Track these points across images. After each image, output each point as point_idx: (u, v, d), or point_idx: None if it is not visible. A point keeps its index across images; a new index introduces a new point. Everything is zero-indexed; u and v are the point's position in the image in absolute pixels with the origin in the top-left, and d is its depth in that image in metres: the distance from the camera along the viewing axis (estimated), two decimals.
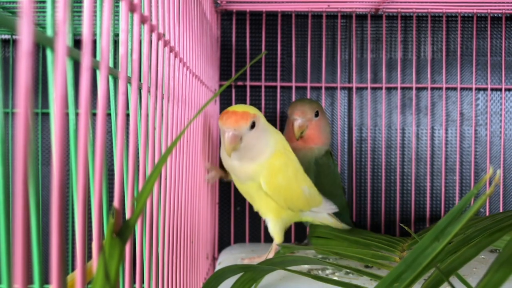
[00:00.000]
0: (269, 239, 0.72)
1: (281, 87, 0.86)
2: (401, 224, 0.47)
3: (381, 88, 0.86)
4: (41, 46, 0.78)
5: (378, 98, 0.87)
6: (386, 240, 0.59)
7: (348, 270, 0.57)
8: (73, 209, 0.75)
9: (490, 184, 0.87)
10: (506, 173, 0.87)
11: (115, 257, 0.21)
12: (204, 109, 0.43)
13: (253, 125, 0.54)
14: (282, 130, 0.74)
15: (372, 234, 0.67)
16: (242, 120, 0.52)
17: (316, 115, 0.71)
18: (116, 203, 0.24)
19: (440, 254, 0.27)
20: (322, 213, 0.65)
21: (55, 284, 0.18)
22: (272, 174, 0.57)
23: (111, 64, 0.27)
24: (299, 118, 0.70)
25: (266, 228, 0.64)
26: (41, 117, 0.84)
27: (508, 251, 0.23)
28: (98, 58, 0.25)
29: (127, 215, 0.27)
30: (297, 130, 0.70)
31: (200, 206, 0.58)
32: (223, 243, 0.84)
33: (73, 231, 0.81)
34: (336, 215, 0.75)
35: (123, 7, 0.25)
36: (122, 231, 0.22)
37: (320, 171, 0.71)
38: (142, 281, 0.31)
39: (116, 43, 0.29)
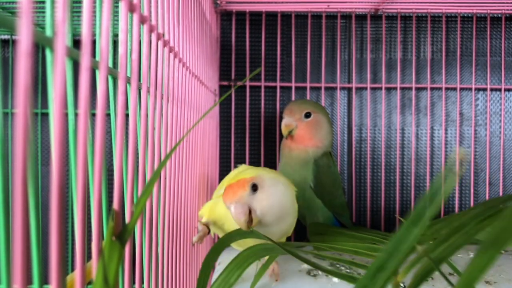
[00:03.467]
0: None
1: (281, 87, 0.86)
2: (400, 218, 0.47)
3: (380, 88, 0.86)
4: (41, 46, 0.78)
5: (377, 98, 0.87)
6: (382, 235, 0.59)
7: (348, 271, 0.57)
8: (72, 209, 0.75)
9: (490, 183, 0.87)
10: (506, 173, 0.87)
11: (114, 260, 0.21)
12: (208, 113, 0.43)
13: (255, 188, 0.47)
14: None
15: (369, 230, 0.67)
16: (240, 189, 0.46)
17: (307, 116, 0.71)
18: (115, 205, 0.24)
19: (419, 238, 0.27)
20: None
21: (55, 285, 0.18)
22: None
23: (110, 64, 0.27)
24: (286, 117, 0.72)
25: None
26: (41, 117, 0.84)
27: (493, 234, 0.23)
28: (97, 58, 0.25)
29: (127, 215, 0.27)
30: (283, 129, 0.72)
31: (200, 206, 0.58)
32: None
33: (73, 231, 0.81)
34: (336, 215, 0.75)
35: (122, 7, 0.25)
36: (122, 234, 0.22)
37: (320, 172, 0.71)
38: (142, 282, 0.31)
39: (115, 43, 0.29)
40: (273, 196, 0.48)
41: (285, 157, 0.75)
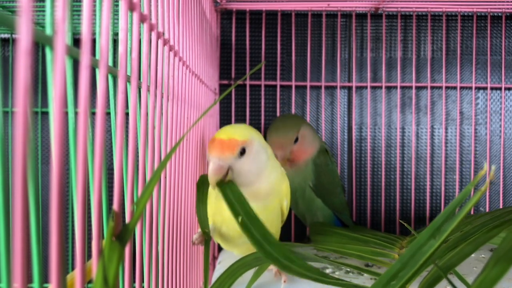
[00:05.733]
0: None
1: (281, 86, 0.86)
2: (401, 221, 0.47)
3: (381, 87, 0.86)
4: (41, 45, 0.78)
5: (378, 97, 0.87)
6: (385, 237, 0.59)
7: (348, 269, 0.57)
8: (73, 208, 0.74)
9: (490, 182, 0.87)
10: (506, 172, 0.87)
11: (114, 261, 0.21)
12: (207, 111, 0.43)
13: (243, 152, 0.47)
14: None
15: (371, 231, 0.67)
16: (229, 149, 0.46)
17: (296, 140, 0.69)
18: (115, 205, 0.24)
19: (437, 251, 0.27)
20: None
21: (55, 284, 0.18)
22: (288, 193, 0.55)
23: (110, 63, 0.27)
24: (279, 152, 0.68)
25: None
26: (41, 116, 0.84)
27: (505, 247, 0.23)
28: (97, 57, 0.25)
29: (127, 214, 0.27)
30: (282, 162, 0.68)
31: None
32: None
33: (73, 230, 0.81)
34: (337, 213, 0.75)
35: (122, 6, 0.25)
36: (122, 234, 0.22)
37: (319, 171, 0.71)
38: (142, 282, 0.31)
39: (115, 42, 0.29)
40: (256, 162, 0.48)
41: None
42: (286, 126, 0.71)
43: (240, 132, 0.48)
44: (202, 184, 0.49)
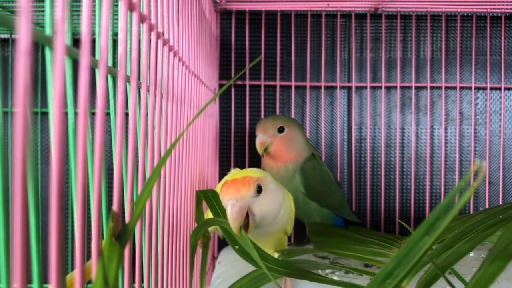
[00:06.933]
0: None
1: (281, 86, 0.86)
2: (400, 221, 0.47)
3: (380, 87, 0.86)
4: (40, 45, 0.78)
5: (377, 97, 0.87)
6: (383, 237, 0.59)
7: (348, 269, 0.57)
8: (72, 208, 0.75)
9: (490, 182, 0.87)
10: (506, 172, 0.87)
11: (114, 261, 0.21)
12: (204, 109, 0.43)
13: (259, 190, 0.45)
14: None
15: (370, 231, 0.67)
16: (244, 187, 0.43)
17: (281, 131, 0.69)
18: (115, 206, 0.24)
19: (431, 248, 0.27)
20: None
21: (54, 284, 0.18)
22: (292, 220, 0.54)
23: (110, 63, 0.27)
24: (259, 135, 0.69)
25: None
26: (40, 116, 0.84)
27: (501, 245, 0.23)
28: (97, 57, 0.25)
29: (126, 215, 0.27)
30: (259, 147, 0.70)
31: None
32: (223, 242, 0.84)
33: (73, 230, 0.81)
34: (336, 212, 0.75)
35: (122, 6, 0.25)
36: (121, 234, 0.22)
37: (308, 177, 0.70)
38: (142, 282, 0.31)
39: (115, 42, 0.29)
40: (274, 202, 0.45)
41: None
42: (279, 116, 0.73)
43: (257, 173, 0.44)
44: (200, 201, 0.49)
